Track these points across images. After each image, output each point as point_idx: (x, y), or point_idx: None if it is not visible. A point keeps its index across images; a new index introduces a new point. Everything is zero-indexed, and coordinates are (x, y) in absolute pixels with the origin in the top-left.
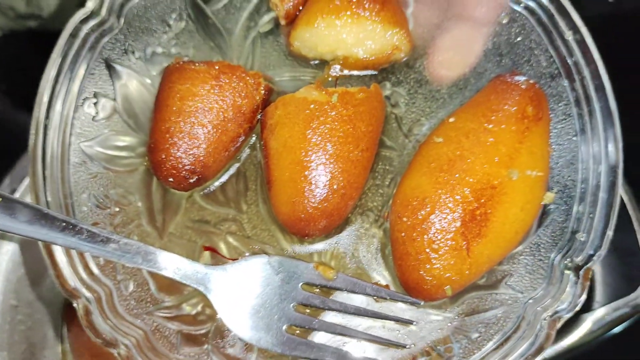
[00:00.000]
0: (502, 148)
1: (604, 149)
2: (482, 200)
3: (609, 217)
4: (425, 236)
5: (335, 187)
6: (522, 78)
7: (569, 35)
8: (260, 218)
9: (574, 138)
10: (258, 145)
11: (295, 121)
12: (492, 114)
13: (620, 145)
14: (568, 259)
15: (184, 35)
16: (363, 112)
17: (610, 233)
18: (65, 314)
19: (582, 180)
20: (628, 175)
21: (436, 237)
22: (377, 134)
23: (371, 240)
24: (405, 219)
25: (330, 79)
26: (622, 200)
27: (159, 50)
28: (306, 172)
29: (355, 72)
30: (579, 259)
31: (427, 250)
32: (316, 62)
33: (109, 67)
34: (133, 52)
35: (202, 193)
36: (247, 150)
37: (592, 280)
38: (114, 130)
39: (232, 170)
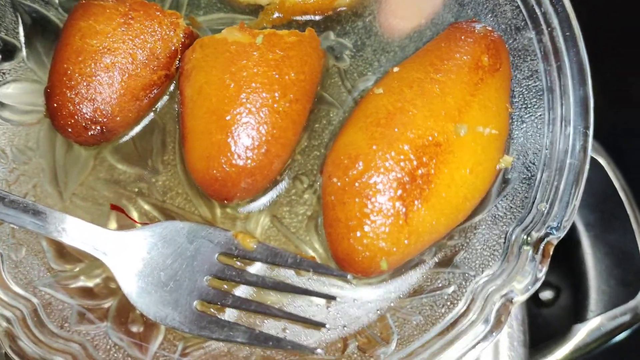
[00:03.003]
0: (450, 100)
1: (573, 109)
2: (424, 159)
3: (576, 185)
4: (357, 199)
5: (256, 141)
6: (480, 25)
7: None
8: (178, 180)
9: (540, 96)
10: (177, 95)
11: (213, 64)
12: (441, 62)
13: (592, 104)
14: (527, 233)
15: None
16: (293, 57)
17: (576, 204)
18: None
19: (549, 144)
20: (627, 172)
21: (369, 200)
22: (311, 85)
23: (304, 207)
24: (335, 180)
25: (266, 25)
26: (619, 198)
27: None
28: (222, 123)
29: (296, 19)
30: (539, 233)
31: (358, 214)
32: (252, 7)
33: (15, 5)
34: None
35: (113, 149)
36: (166, 101)
37: (585, 288)
38: (16, 76)
39: (147, 123)
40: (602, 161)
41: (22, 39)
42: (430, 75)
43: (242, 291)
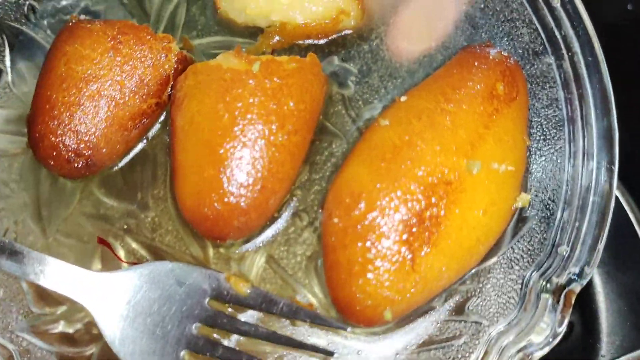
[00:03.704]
0: (462, 133)
1: (597, 141)
2: (433, 199)
3: (601, 226)
4: (359, 242)
5: (251, 177)
6: (494, 50)
7: (557, 2)
8: (169, 216)
9: (561, 127)
10: (169, 124)
11: (206, 93)
12: (452, 91)
13: (617, 136)
14: (547, 279)
15: None
16: (293, 85)
17: (601, 247)
18: None
19: (569, 180)
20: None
21: (373, 244)
22: (312, 115)
23: (303, 247)
24: (336, 220)
25: (265, 50)
26: (635, 234)
27: (64, 3)
28: (214, 157)
29: (298, 42)
30: (560, 279)
31: (360, 259)
32: (251, 29)
33: (0, 27)
34: (33, 10)
35: (100, 182)
36: (157, 131)
37: (597, 328)
38: (0, 103)
39: (136, 155)
40: (617, 193)
41: (7, 62)
42: (441, 105)
43: (233, 340)
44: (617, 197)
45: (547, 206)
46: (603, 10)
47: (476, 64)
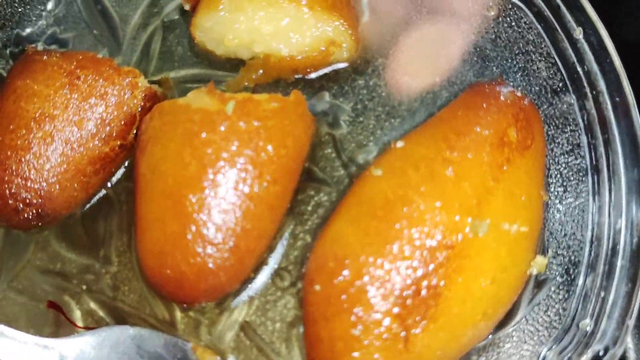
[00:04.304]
0: (467, 187)
1: (626, 195)
2: (432, 266)
3: (630, 297)
4: (343, 316)
5: (221, 235)
6: (506, 88)
7: (579, 33)
8: (133, 272)
9: (583, 178)
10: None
11: (171, 137)
12: (457, 137)
13: None
14: (566, 357)
15: (67, 19)
16: (272, 128)
17: (631, 323)
18: None
19: (593, 240)
20: None
21: (359, 318)
22: (295, 161)
23: (283, 312)
24: (317, 287)
25: (248, 84)
26: None
27: (28, 30)
28: (178, 211)
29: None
30: (582, 359)
31: (345, 336)
32: (232, 62)
33: None
34: None
35: (58, 232)
36: (122, 176)
37: None
38: None
39: (99, 203)
40: None
41: None
42: (443, 153)
43: None
44: None
45: (568, 270)
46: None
47: (485, 105)
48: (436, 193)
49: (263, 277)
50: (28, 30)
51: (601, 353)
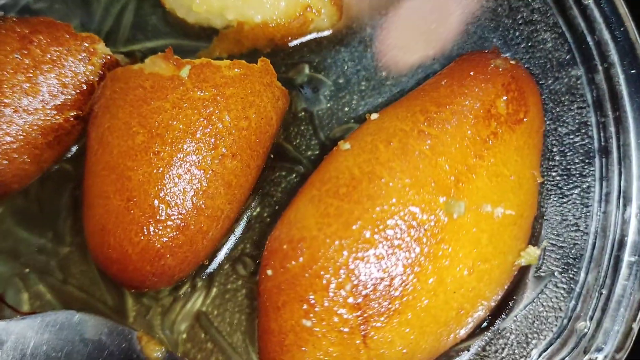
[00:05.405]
0: (444, 163)
1: (636, 181)
2: (398, 252)
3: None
4: (295, 304)
5: (169, 211)
6: (500, 56)
7: None
8: (85, 253)
9: (590, 160)
10: None
11: (121, 105)
12: (437, 109)
13: None
14: None
15: None
16: (231, 97)
17: (636, 327)
18: None
19: (599, 231)
20: None
21: (312, 307)
22: (260, 136)
23: (244, 303)
24: (269, 272)
25: (220, 55)
26: None
27: (2, 1)
28: (122, 184)
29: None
30: None
31: (296, 328)
32: (207, 31)
33: None
34: None
35: (13, 210)
36: (81, 148)
37: None
38: None
39: (56, 178)
40: None
41: None
42: (419, 126)
43: None
44: None
45: (567, 265)
46: None
47: (472, 73)
48: (407, 169)
49: (222, 263)
50: (2, 1)
51: (602, 356)
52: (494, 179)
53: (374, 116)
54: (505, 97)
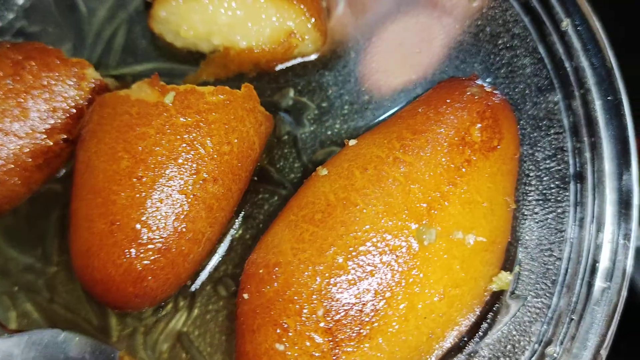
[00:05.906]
0: (417, 191)
1: (611, 207)
2: (371, 278)
3: (608, 323)
4: (269, 328)
5: (152, 235)
6: (475, 84)
7: (565, 25)
8: (72, 273)
9: (565, 186)
10: None
11: (108, 130)
12: (412, 136)
13: (637, 200)
14: None
15: (36, 13)
16: (214, 122)
17: (604, 353)
18: None
19: (571, 255)
20: None
21: (285, 331)
22: (243, 161)
23: (225, 323)
24: (246, 296)
25: (207, 79)
26: None
27: None
28: (106, 209)
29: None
30: None
31: (270, 352)
32: (194, 55)
33: None
34: None
35: (3, 229)
36: (69, 170)
37: None
38: None
39: (45, 199)
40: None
41: None
42: (395, 153)
43: None
44: (632, 282)
45: (539, 289)
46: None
47: (448, 101)
48: (382, 196)
49: (205, 284)
50: None
51: None
52: (467, 206)
53: (352, 142)
54: (479, 125)
